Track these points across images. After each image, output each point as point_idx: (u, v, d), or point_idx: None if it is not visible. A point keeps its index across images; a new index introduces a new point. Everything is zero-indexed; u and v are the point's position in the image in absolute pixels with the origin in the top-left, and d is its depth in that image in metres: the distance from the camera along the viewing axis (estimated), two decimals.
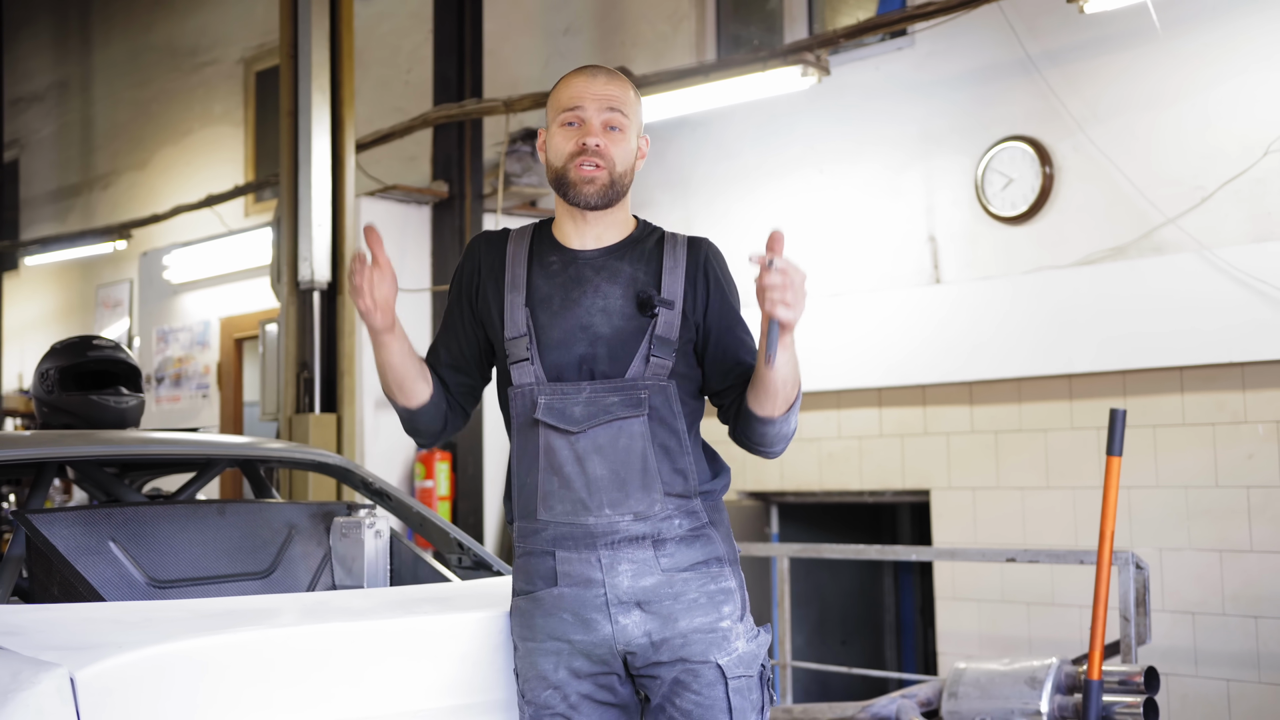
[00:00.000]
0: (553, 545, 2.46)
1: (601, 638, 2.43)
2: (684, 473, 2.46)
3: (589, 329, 2.47)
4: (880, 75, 6.28)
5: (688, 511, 2.47)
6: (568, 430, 2.44)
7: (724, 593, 2.46)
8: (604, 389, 2.44)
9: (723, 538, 2.51)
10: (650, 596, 2.43)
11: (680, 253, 2.54)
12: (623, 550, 2.43)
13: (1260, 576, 5.05)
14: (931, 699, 4.41)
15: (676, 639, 2.42)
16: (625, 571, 2.43)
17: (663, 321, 2.46)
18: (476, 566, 3.41)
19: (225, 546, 3.18)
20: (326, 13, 6.10)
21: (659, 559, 2.44)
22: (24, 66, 12.41)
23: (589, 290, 2.50)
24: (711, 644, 2.42)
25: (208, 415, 8.16)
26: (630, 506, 2.43)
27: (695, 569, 2.45)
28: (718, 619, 2.44)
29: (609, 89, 2.50)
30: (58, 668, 2.10)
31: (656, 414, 2.45)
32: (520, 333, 2.49)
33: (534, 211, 7.45)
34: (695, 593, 2.44)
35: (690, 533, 2.46)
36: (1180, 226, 5.26)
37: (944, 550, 5.35)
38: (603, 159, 2.48)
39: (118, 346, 4.15)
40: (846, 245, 6.21)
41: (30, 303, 11.83)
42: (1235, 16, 5.18)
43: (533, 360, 2.48)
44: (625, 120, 2.50)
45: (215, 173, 9.87)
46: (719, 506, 2.55)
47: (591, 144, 2.47)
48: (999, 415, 5.77)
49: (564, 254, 2.55)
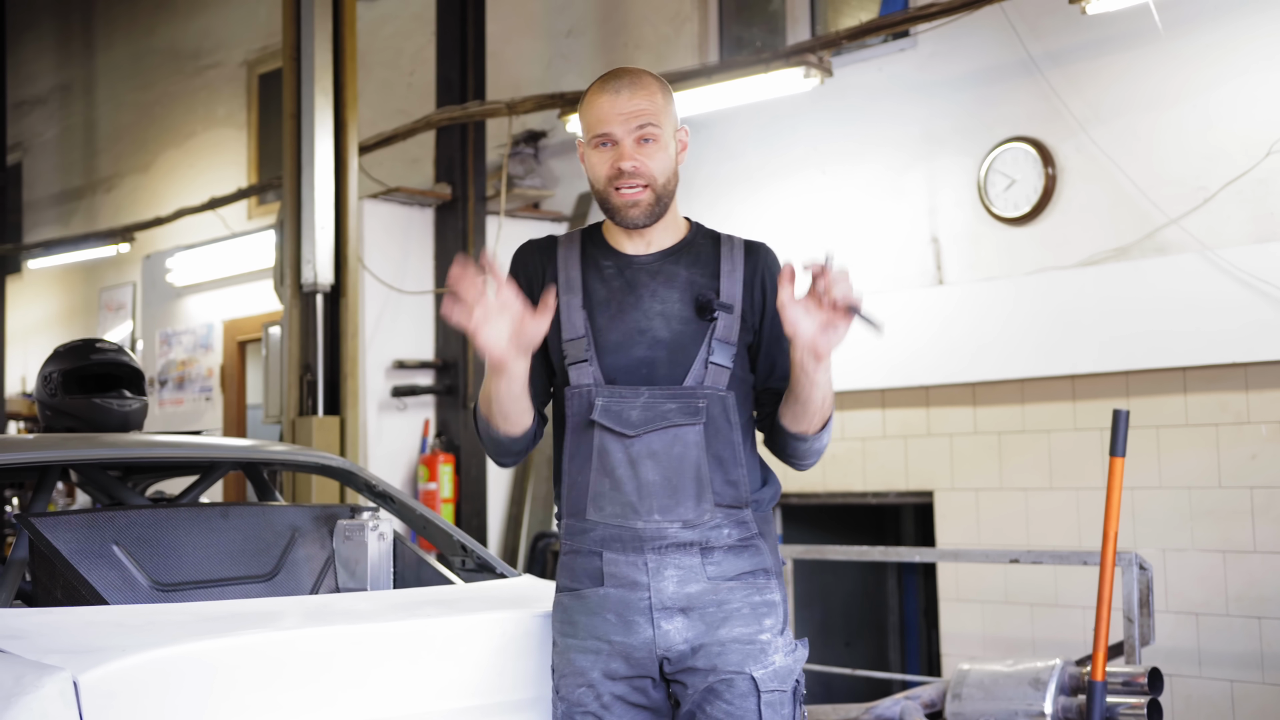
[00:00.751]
0: (600, 546, 2.46)
1: (642, 641, 2.43)
2: (736, 483, 2.46)
3: (647, 333, 2.46)
4: (883, 76, 6.28)
5: (738, 521, 2.47)
6: (623, 434, 2.43)
7: (767, 605, 2.46)
8: (662, 395, 2.44)
9: (770, 549, 2.51)
10: (694, 603, 2.43)
11: (738, 256, 2.54)
12: (670, 555, 2.43)
13: (1264, 577, 5.04)
14: (935, 700, 4.41)
15: (714, 647, 2.42)
16: (671, 577, 2.43)
17: (722, 325, 2.47)
18: (480, 569, 3.41)
19: (229, 549, 3.18)
20: (329, 15, 6.10)
21: (705, 566, 2.44)
22: (27, 70, 12.43)
23: (646, 294, 2.49)
24: (748, 655, 2.42)
25: (211, 418, 8.17)
26: (680, 514, 2.43)
27: (741, 579, 2.45)
28: (758, 631, 2.44)
29: (634, 103, 2.45)
30: (61, 671, 2.10)
31: (713, 423, 2.45)
32: (579, 334, 2.48)
33: (537, 213, 7.45)
34: (739, 602, 2.44)
35: (739, 542, 2.46)
36: (1183, 227, 5.25)
37: (947, 551, 5.34)
38: (641, 177, 2.45)
39: (121, 349, 4.15)
40: (849, 246, 6.21)
41: (33, 306, 11.84)
42: (1237, 17, 5.18)
43: (591, 362, 2.47)
44: (657, 129, 2.45)
45: (218, 175, 9.88)
46: (768, 517, 2.55)
47: (627, 167, 2.44)
48: (1002, 416, 5.77)
49: (618, 258, 2.54)
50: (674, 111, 2.53)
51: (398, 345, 6.89)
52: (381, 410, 6.83)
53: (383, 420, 6.83)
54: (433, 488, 6.73)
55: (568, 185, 7.55)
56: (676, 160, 2.52)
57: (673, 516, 2.42)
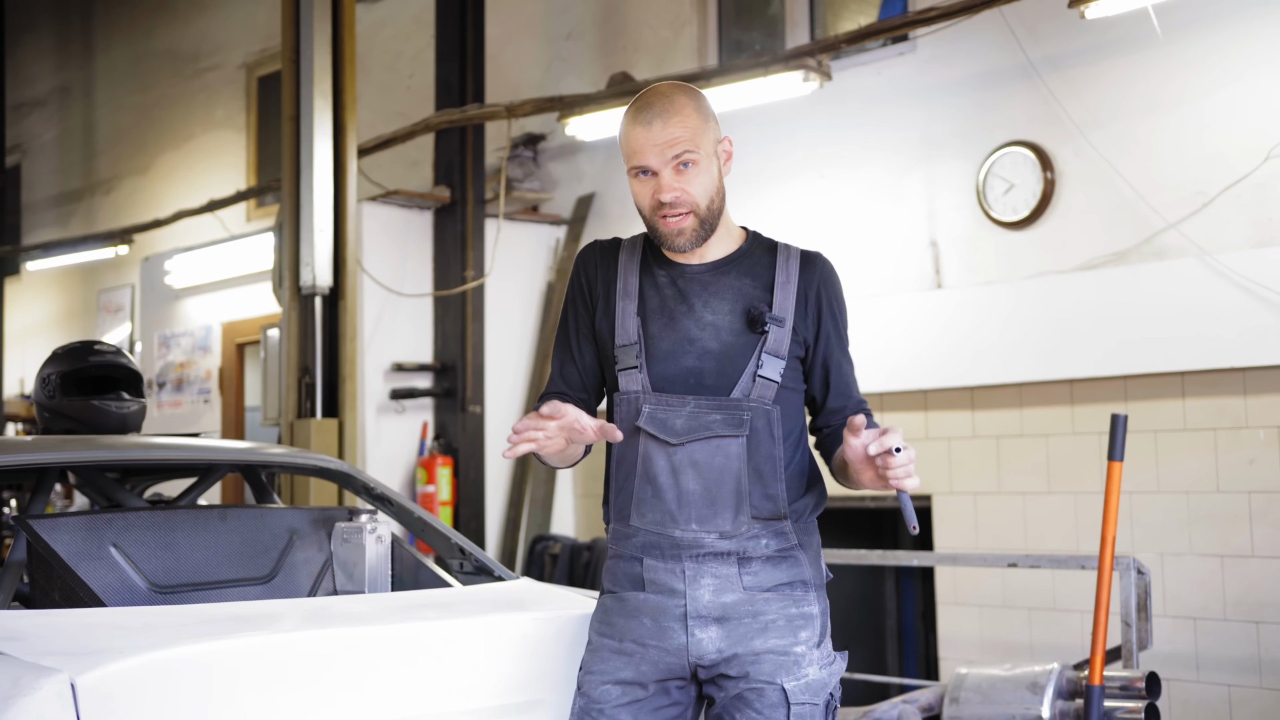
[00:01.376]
0: (641, 552, 2.49)
1: (676, 646, 2.44)
2: (774, 497, 2.46)
3: (696, 343, 2.47)
4: (882, 80, 6.28)
5: (777, 532, 2.46)
6: (667, 441, 2.45)
7: (804, 617, 2.46)
8: (708, 405, 2.44)
9: (810, 560, 2.50)
10: (730, 613, 2.44)
11: (793, 267, 2.52)
12: (707, 564, 2.44)
13: (1261, 582, 5.04)
14: (933, 704, 4.41)
15: (748, 656, 2.42)
16: (707, 586, 2.44)
17: (772, 338, 2.46)
18: (478, 572, 3.41)
19: (227, 552, 3.18)
20: (328, 18, 6.10)
21: (742, 576, 2.44)
22: (26, 71, 12.43)
23: (698, 304, 2.50)
24: (781, 666, 2.42)
25: (209, 420, 8.16)
26: (717, 525, 2.44)
27: (778, 590, 2.45)
28: (793, 643, 2.43)
29: (667, 132, 2.42)
30: (59, 673, 2.10)
31: (756, 436, 2.45)
32: (630, 340, 2.51)
33: (536, 216, 7.45)
34: (775, 614, 2.44)
35: (778, 553, 2.46)
36: (1181, 232, 5.26)
37: (945, 555, 5.35)
38: (682, 205, 2.44)
39: (119, 351, 4.15)
40: (848, 250, 6.21)
41: (32, 308, 11.84)
42: (1235, 22, 5.19)
43: (640, 369, 2.49)
44: (694, 154, 2.42)
45: (217, 178, 9.88)
46: (809, 529, 2.53)
47: (668, 199, 2.43)
48: (1000, 420, 5.77)
49: (673, 268, 2.54)
50: (712, 126, 2.48)
51: (396, 348, 6.89)
52: (380, 413, 6.82)
53: (381, 423, 6.82)
54: (431, 490, 6.73)
55: (567, 188, 7.55)
56: (720, 175, 2.50)
57: (710, 527, 2.44)
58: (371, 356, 6.74)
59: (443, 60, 7.16)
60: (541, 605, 2.86)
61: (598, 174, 7.43)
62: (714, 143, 2.49)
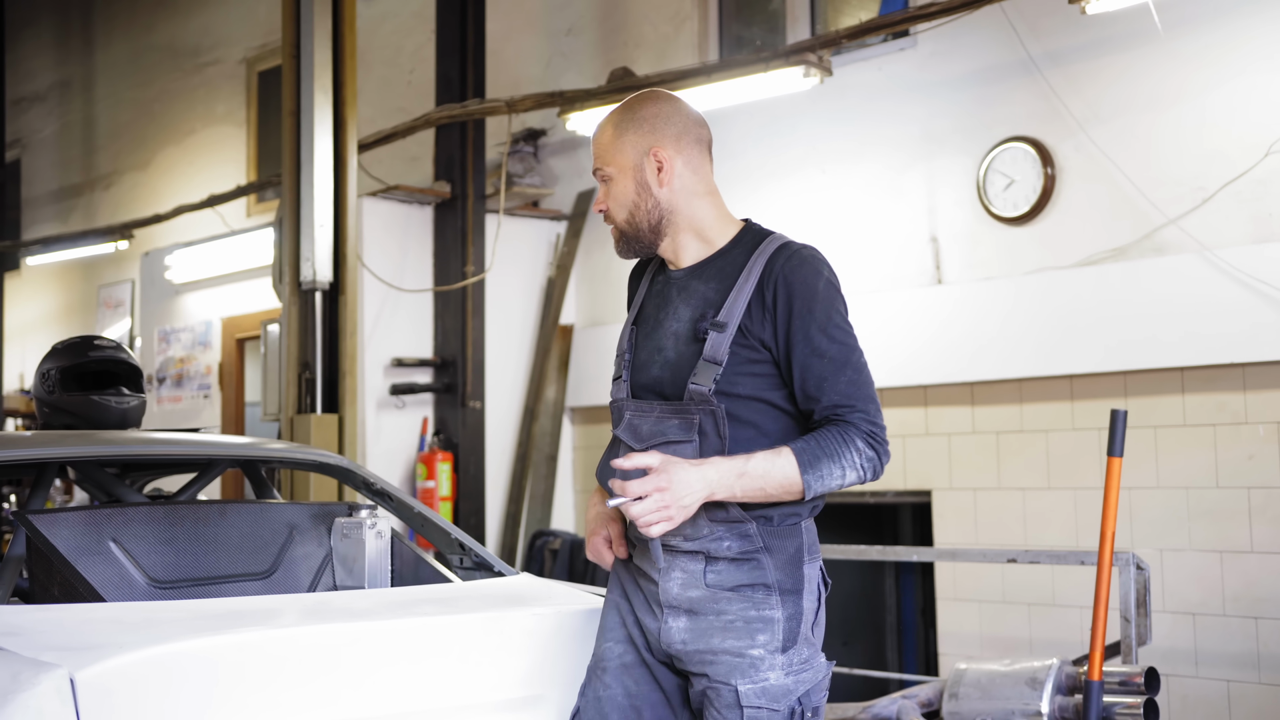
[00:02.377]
0: (634, 540, 2.58)
1: (654, 627, 2.52)
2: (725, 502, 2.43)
3: (661, 351, 2.53)
4: (882, 76, 6.28)
5: (740, 534, 2.45)
6: (634, 448, 2.51)
7: (763, 620, 2.43)
8: (668, 410, 2.49)
9: (778, 565, 2.45)
10: (696, 607, 2.47)
11: (758, 266, 2.46)
12: (678, 559, 2.49)
13: (1261, 577, 5.04)
14: (932, 700, 4.41)
15: (707, 654, 2.45)
16: (677, 579, 2.49)
17: (710, 345, 2.44)
18: (478, 567, 3.41)
19: (226, 547, 3.19)
20: (329, 13, 6.09)
21: (706, 574, 2.47)
22: (26, 66, 12.42)
23: (669, 312, 2.56)
24: (736, 668, 2.42)
25: (209, 416, 8.16)
26: (679, 528, 2.45)
27: (739, 591, 2.45)
28: (749, 645, 2.43)
29: (594, 146, 2.58)
30: (58, 668, 2.10)
31: (706, 440, 2.45)
32: (622, 350, 2.61)
33: (536, 212, 7.45)
34: (734, 615, 2.45)
35: (741, 555, 2.46)
36: (1181, 227, 5.26)
37: (945, 551, 5.35)
38: (608, 219, 2.59)
39: (119, 347, 4.15)
40: (848, 246, 6.21)
41: (32, 303, 11.84)
42: (1236, 17, 5.18)
43: (625, 378, 2.58)
44: (605, 170, 2.55)
45: (217, 173, 9.88)
46: (784, 533, 2.46)
47: (596, 210, 2.60)
48: (1000, 416, 5.77)
49: (665, 274, 2.62)
50: (631, 141, 2.52)
51: (396, 343, 6.89)
52: (380, 408, 6.83)
53: (381, 418, 6.83)
54: (431, 486, 6.73)
55: (567, 184, 7.55)
56: (649, 186, 2.51)
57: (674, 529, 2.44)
58: (372, 352, 6.74)
59: (443, 55, 7.16)
60: (541, 601, 2.86)
61: None
62: (634, 158, 2.52)
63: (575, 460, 7.44)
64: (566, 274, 7.39)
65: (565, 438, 7.42)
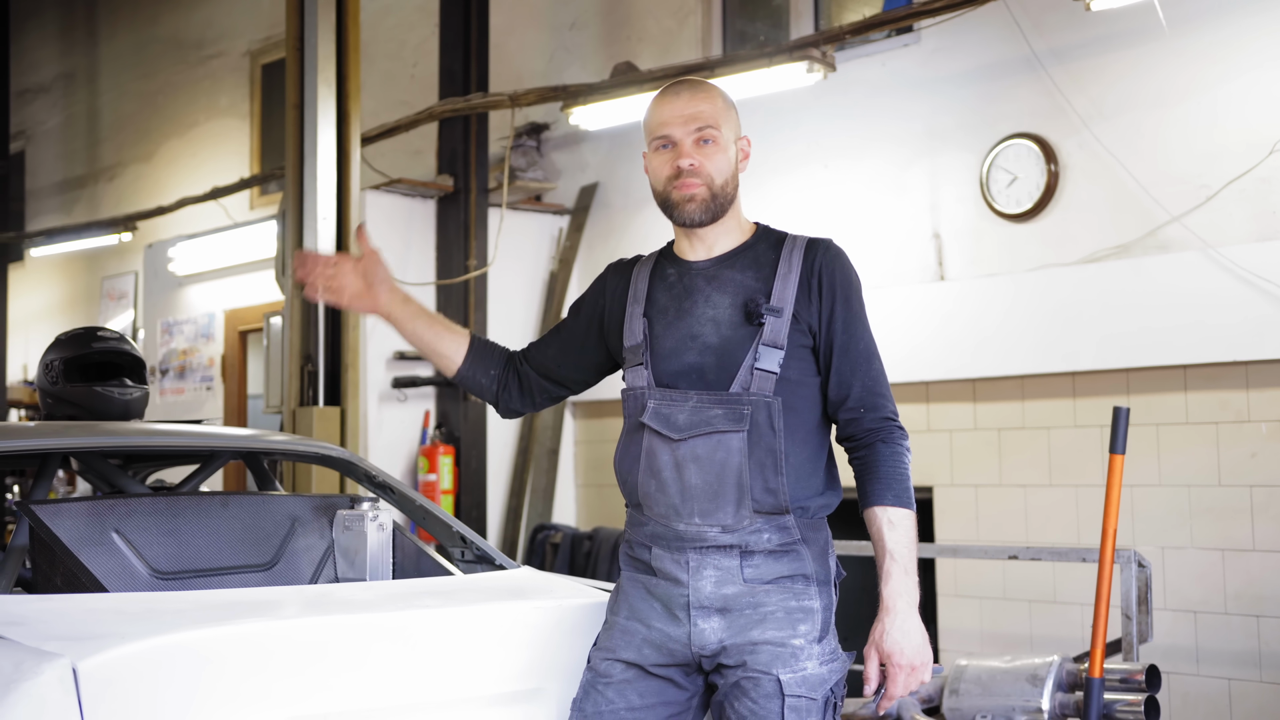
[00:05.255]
0: (650, 541, 2.54)
1: (679, 633, 2.48)
2: (775, 491, 2.45)
3: (698, 338, 2.51)
4: (886, 72, 6.27)
5: (779, 526, 2.46)
6: (670, 437, 2.49)
7: (803, 611, 2.46)
8: (709, 400, 2.47)
9: (814, 556, 2.49)
10: (730, 605, 2.46)
11: (796, 256, 2.53)
12: (710, 556, 2.47)
13: (1262, 575, 5.05)
14: (933, 696, 4.41)
15: (746, 646, 2.44)
16: (709, 577, 2.47)
17: (769, 329, 2.46)
18: (479, 560, 3.42)
19: (228, 538, 3.19)
20: (333, 6, 6.10)
21: (744, 569, 2.46)
22: (30, 58, 12.42)
23: (700, 300, 2.54)
24: (778, 657, 2.43)
25: (212, 408, 8.17)
26: (719, 519, 2.45)
27: (779, 583, 2.46)
28: (790, 635, 2.44)
29: (694, 105, 2.52)
30: (60, 658, 2.10)
31: (757, 430, 2.45)
32: (637, 341, 2.58)
33: (539, 206, 7.45)
34: (774, 606, 2.45)
35: (780, 547, 2.46)
36: (1185, 225, 5.25)
37: (946, 547, 5.35)
38: (699, 175, 2.51)
39: (122, 338, 4.16)
40: (851, 241, 6.12)
41: (35, 294, 11.85)
42: (1241, 15, 5.17)
43: (646, 365, 2.55)
44: (716, 132, 2.52)
45: (221, 165, 9.88)
46: (817, 524, 2.52)
47: (685, 165, 2.51)
48: (1002, 412, 5.77)
49: (680, 266, 2.61)
50: (735, 120, 2.58)
51: (398, 336, 6.87)
52: (382, 401, 6.83)
53: (383, 411, 6.83)
54: (432, 479, 6.74)
55: (570, 178, 7.55)
56: (737, 167, 2.57)
57: (712, 520, 2.46)
58: (374, 345, 6.74)
59: (447, 49, 7.16)
60: (542, 594, 2.86)
61: (601, 164, 7.42)
62: (735, 135, 2.57)
63: (576, 454, 7.44)
64: (569, 268, 7.40)
65: (567, 432, 7.42)
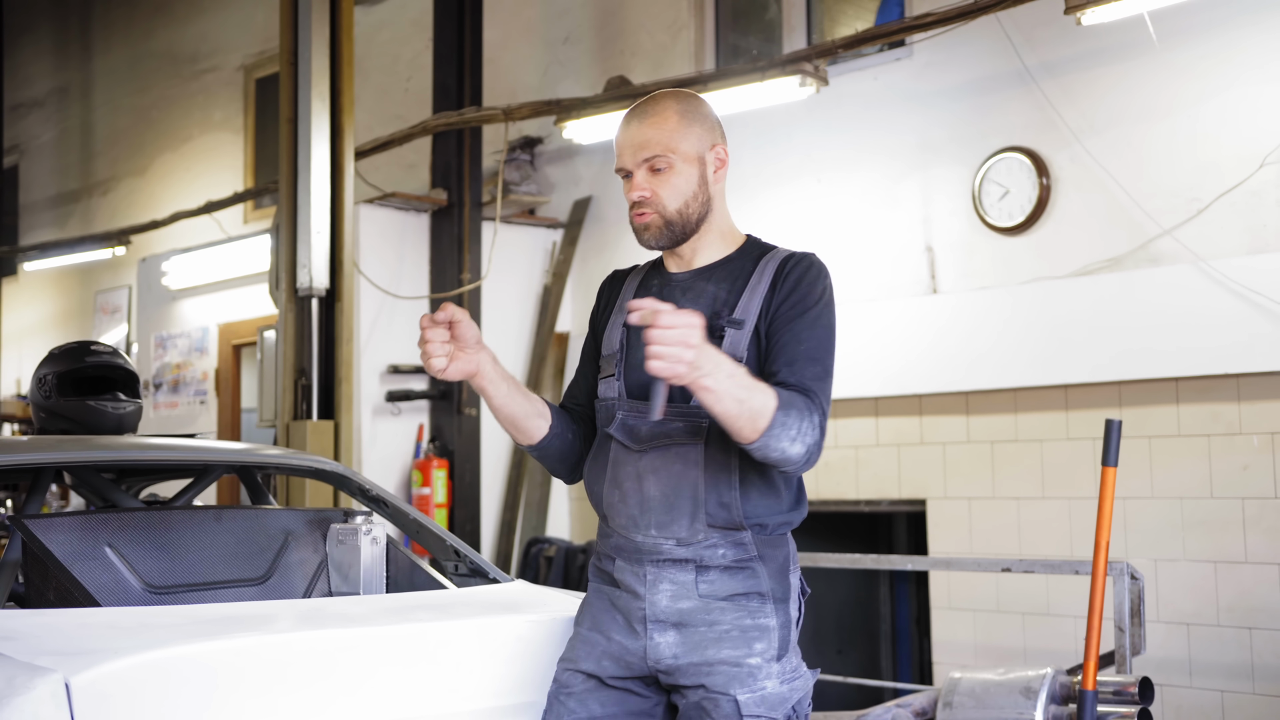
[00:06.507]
0: (615, 553, 2.54)
1: (636, 647, 2.48)
2: (729, 505, 2.43)
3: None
4: (878, 85, 6.29)
5: (735, 542, 2.45)
6: (631, 448, 2.49)
7: (759, 629, 2.43)
8: (672, 412, 2.45)
9: (771, 573, 2.46)
10: (686, 619, 2.45)
11: (770, 269, 2.50)
12: (666, 570, 2.47)
13: (1255, 588, 5.05)
14: (927, 708, 4.41)
15: (703, 666, 2.43)
16: (665, 591, 2.46)
17: (728, 342, 2.44)
18: (473, 574, 3.42)
19: (222, 552, 3.19)
20: (326, 20, 6.11)
21: (699, 584, 2.45)
22: (24, 72, 12.43)
23: None
24: (734, 677, 2.41)
25: (205, 421, 8.16)
26: (674, 531, 2.45)
27: (733, 600, 2.44)
28: (746, 654, 2.42)
29: (642, 134, 2.49)
30: (53, 673, 2.10)
31: (714, 443, 2.43)
32: (613, 350, 2.59)
33: (533, 220, 7.46)
34: (729, 624, 2.43)
35: (735, 563, 2.45)
36: (1176, 238, 5.27)
37: (940, 560, 5.35)
38: (648, 206, 2.49)
39: (116, 352, 4.16)
40: (844, 255, 6.22)
41: (29, 308, 11.83)
42: (1231, 29, 5.20)
43: (618, 376, 2.55)
44: (665, 158, 2.47)
45: (215, 179, 9.88)
46: (776, 542, 2.48)
47: (634, 197, 2.51)
48: (995, 425, 5.78)
49: (663, 277, 2.60)
50: (700, 133, 2.51)
51: (392, 350, 6.90)
52: (376, 415, 6.83)
53: (377, 425, 6.83)
54: (426, 493, 6.73)
55: (563, 191, 7.56)
56: (704, 181, 2.51)
57: (668, 533, 2.45)
58: (368, 358, 6.74)
59: (440, 63, 7.17)
60: (536, 607, 2.87)
61: (594, 177, 7.43)
62: (699, 149, 2.51)
63: None
64: (562, 282, 7.41)
65: None
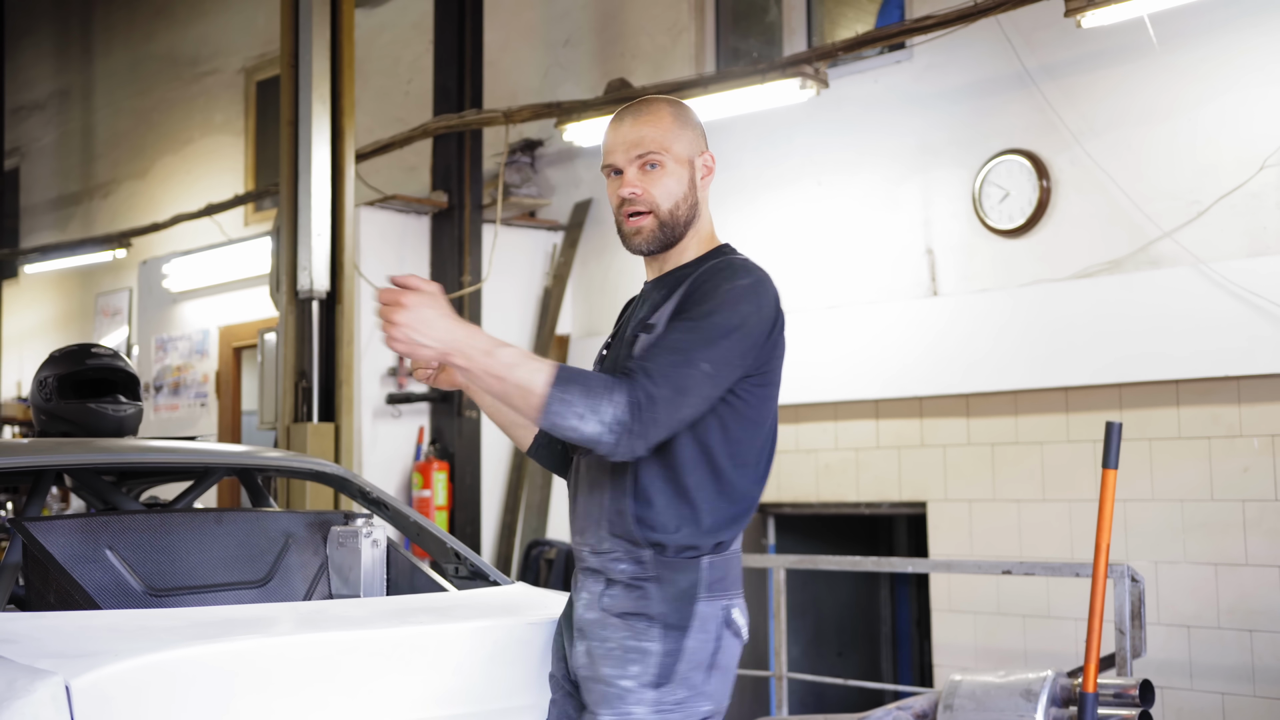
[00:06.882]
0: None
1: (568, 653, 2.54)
2: (623, 514, 2.39)
3: (618, 360, 2.49)
4: (879, 88, 6.30)
5: (634, 559, 2.39)
6: (581, 453, 2.53)
7: (639, 652, 2.36)
8: None
9: (664, 597, 2.36)
10: (588, 631, 2.45)
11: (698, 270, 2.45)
12: (586, 579, 2.49)
13: (1255, 590, 5.05)
14: (927, 711, 4.41)
15: (590, 681, 2.42)
16: (582, 600, 2.48)
17: (639, 346, 2.41)
18: (473, 576, 3.42)
19: (222, 555, 3.19)
20: (327, 23, 6.11)
21: (603, 597, 2.43)
22: (25, 75, 12.44)
23: (631, 322, 2.53)
24: (604, 697, 2.37)
25: (206, 424, 8.16)
26: (589, 539, 2.47)
27: (624, 618, 2.39)
28: (620, 675, 2.36)
29: (636, 131, 2.45)
30: (53, 675, 2.10)
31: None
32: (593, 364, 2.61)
33: (533, 222, 7.46)
34: (615, 642, 2.39)
35: (632, 580, 2.39)
36: (1176, 240, 5.27)
37: (940, 562, 5.35)
38: (641, 203, 2.45)
39: (116, 355, 4.16)
40: (844, 257, 6.22)
41: (30, 311, 11.84)
42: (1231, 31, 5.20)
43: None
44: (660, 156, 2.44)
45: (215, 182, 9.89)
46: (679, 565, 2.37)
47: (627, 193, 2.45)
48: (996, 428, 5.78)
49: (643, 288, 2.61)
50: (692, 137, 2.50)
51: (392, 353, 6.89)
52: (376, 417, 6.83)
53: (377, 427, 6.83)
54: (427, 495, 6.73)
55: (564, 194, 7.56)
56: (692, 186, 2.48)
57: (585, 540, 2.48)
58: (368, 361, 6.74)
59: (441, 66, 7.18)
60: (536, 610, 2.87)
61: (595, 180, 7.44)
62: (690, 153, 2.49)
63: None
64: (563, 284, 7.41)
65: None
